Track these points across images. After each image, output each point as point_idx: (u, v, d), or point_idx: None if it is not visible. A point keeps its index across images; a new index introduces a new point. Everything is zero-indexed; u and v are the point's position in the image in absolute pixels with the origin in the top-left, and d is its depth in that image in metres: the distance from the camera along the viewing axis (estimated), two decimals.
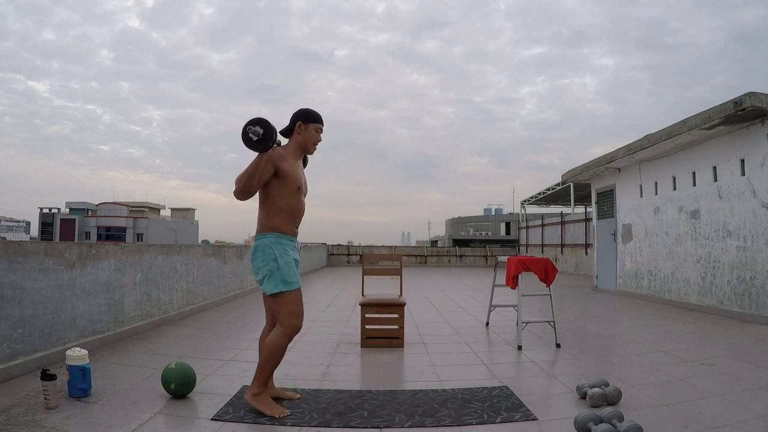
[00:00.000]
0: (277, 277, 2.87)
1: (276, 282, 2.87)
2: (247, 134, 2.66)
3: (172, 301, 5.94)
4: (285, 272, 2.89)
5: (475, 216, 59.81)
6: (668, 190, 8.23)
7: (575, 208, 22.13)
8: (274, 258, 2.87)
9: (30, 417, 2.67)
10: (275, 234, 2.92)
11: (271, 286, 2.88)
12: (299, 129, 3.03)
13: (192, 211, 77.58)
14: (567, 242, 18.09)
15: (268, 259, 2.88)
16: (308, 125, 3.04)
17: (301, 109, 3.09)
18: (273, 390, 3.08)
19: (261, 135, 2.65)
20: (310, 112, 3.07)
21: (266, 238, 2.92)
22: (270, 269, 2.88)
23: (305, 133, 3.04)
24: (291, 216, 2.98)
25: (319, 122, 3.07)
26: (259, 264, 2.90)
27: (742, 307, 6.39)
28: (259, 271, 2.91)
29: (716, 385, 3.40)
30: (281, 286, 2.87)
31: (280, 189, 2.91)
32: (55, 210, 62.49)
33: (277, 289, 2.87)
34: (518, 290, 4.85)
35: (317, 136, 3.07)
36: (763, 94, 5.77)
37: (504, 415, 2.84)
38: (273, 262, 2.87)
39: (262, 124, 2.67)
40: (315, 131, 3.06)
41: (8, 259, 3.38)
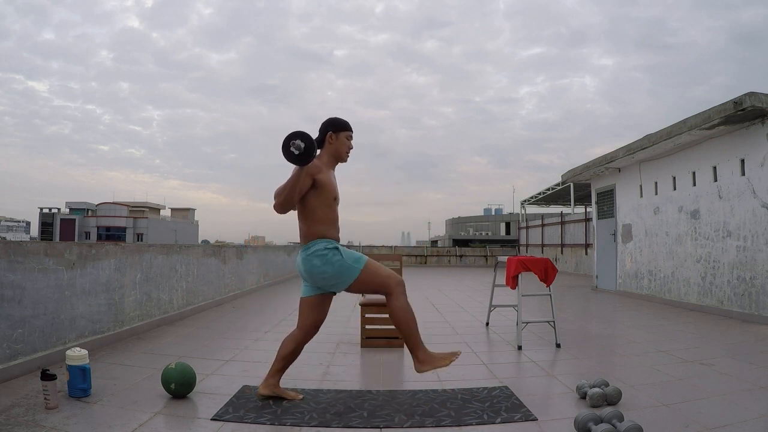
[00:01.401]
0: (349, 263, 2.92)
1: (350, 267, 2.92)
2: (289, 148, 2.65)
3: (172, 301, 5.94)
4: (350, 255, 2.96)
5: (475, 216, 59.80)
6: (668, 190, 8.22)
7: (575, 208, 22.12)
8: (333, 254, 2.92)
9: (30, 417, 2.67)
10: (322, 239, 2.95)
11: (349, 275, 2.92)
12: (330, 139, 3.05)
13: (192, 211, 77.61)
14: (567, 242, 18.09)
15: (329, 260, 2.91)
16: (339, 134, 3.06)
17: (330, 118, 3.10)
18: (278, 389, 3.09)
19: (303, 149, 2.65)
20: (339, 120, 3.09)
21: (316, 245, 2.94)
22: (338, 266, 2.91)
23: (337, 142, 3.06)
24: (331, 224, 3.01)
25: (349, 130, 3.11)
26: (323, 269, 2.91)
27: (742, 307, 6.38)
28: (325, 275, 2.92)
29: (716, 385, 3.40)
30: (356, 265, 2.93)
31: (317, 200, 2.94)
32: (55, 210, 62.51)
33: (356, 272, 2.92)
34: (518, 290, 4.85)
35: (349, 143, 3.10)
36: (763, 94, 5.77)
37: (504, 416, 2.84)
38: (335, 257, 2.92)
39: (303, 138, 2.66)
40: (346, 139, 3.09)
41: (8, 259, 3.38)
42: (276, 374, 3.09)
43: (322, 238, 2.96)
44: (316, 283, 2.99)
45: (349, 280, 2.94)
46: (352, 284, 2.96)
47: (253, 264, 9.88)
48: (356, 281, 2.94)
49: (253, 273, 9.77)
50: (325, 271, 2.91)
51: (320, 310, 3.10)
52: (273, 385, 3.08)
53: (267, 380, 3.09)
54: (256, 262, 10.06)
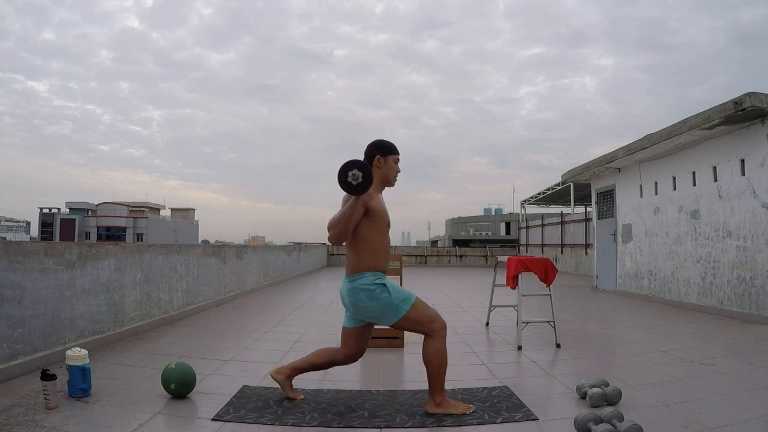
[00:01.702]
0: (396, 302, 2.83)
1: (397, 307, 2.83)
2: (346, 178, 2.62)
3: (172, 301, 5.94)
4: (397, 293, 2.86)
5: (475, 216, 59.81)
6: (668, 190, 8.22)
7: (575, 208, 22.12)
8: (381, 290, 2.83)
9: (30, 417, 2.67)
10: (371, 272, 2.88)
11: (395, 314, 2.84)
12: (378, 163, 2.97)
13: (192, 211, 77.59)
14: (567, 242, 18.09)
15: (376, 296, 2.83)
16: (387, 158, 2.99)
17: (376, 141, 3.03)
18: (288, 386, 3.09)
19: (361, 179, 2.62)
20: (386, 144, 3.02)
21: (364, 278, 2.86)
22: (385, 303, 2.82)
23: (385, 166, 2.98)
24: (381, 253, 2.93)
25: (397, 153, 3.04)
26: (368, 304, 2.84)
27: (742, 307, 6.38)
28: (370, 311, 2.85)
29: (716, 385, 3.40)
30: (404, 305, 2.84)
31: (369, 227, 2.87)
32: (55, 210, 62.50)
33: (402, 312, 2.83)
34: (518, 290, 4.85)
35: (397, 167, 3.03)
36: (763, 94, 5.77)
37: (505, 415, 2.84)
38: (383, 294, 2.83)
39: (360, 167, 2.63)
40: (394, 163, 3.01)
41: (8, 259, 3.37)
42: (295, 370, 3.10)
43: (370, 271, 2.88)
44: (358, 316, 2.93)
45: (393, 319, 2.84)
46: (396, 322, 2.87)
47: (253, 264, 9.88)
48: (400, 320, 2.85)
49: (253, 273, 9.77)
50: (371, 307, 2.84)
51: (363, 339, 3.05)
52: (286, 376, 3.07)
53: (283, 369, 3.10)
54: (256, 262, 10.06)
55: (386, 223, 2.95)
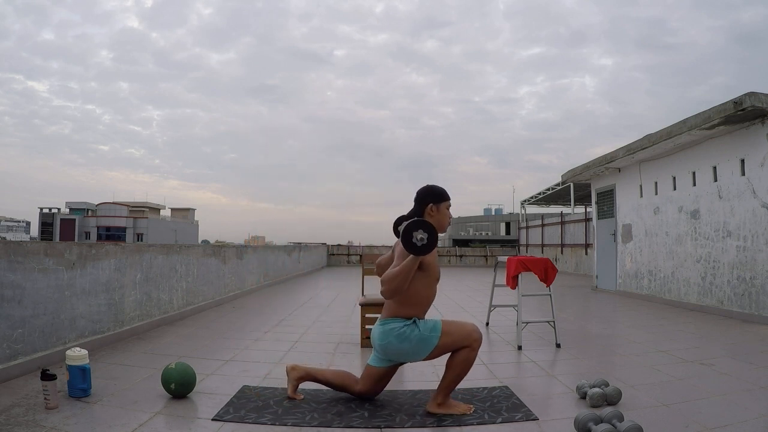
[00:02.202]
0: (425, 336, 2.81)
1: (427, 340, 2.81)
2: (411, 239, 2.62)
3: (172, 301, 5.94)
4: (425, 326, 2.83)
5: (475, 216, 59.79)
6: (668, 190, 8.23)
7: (575, 208, 22.13)
8: (411, 330, 2.81)
9: (30, 417, 2.67)
10: (404, 320, 2.86)
11: (426, 347, 2.82)
12: (431, 211, 2.92)
13: (192, 211, 77.63)
14: (567, 242, 18.09)
15: (407, 337, 2.81)
16: (440, 205, 2.94)
17: (428, 188, 2.97)
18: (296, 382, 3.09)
19: (426, 240, 2.62)
20: (438, 190, 2.97)
21: (396, 323, 2.84)
22: (416, 340, 2.81)
23: (438, 214, 2.93)
24: (424, 305, 2.91)
25: (449, 199, 2.98)
26: (400, 346, 2.82)
27: (742, 307, 6.39)
28: (402, 351, 2.83)
29: (716, 385, 3.40)
30: (434, 334, 2.81)
31: (421, 281, 2.83)
32: (55, 210, 62.53)
33: (434, 341, 2.81)
34: (518, 290, 4.85)
35: (449, 213, 2.99)
36: (763, 94, 5.77)
37: (505, 415, 2.83)
38: (413, 333, 2.81)
39: (426, 229, 2.62)
40: (446, 209, 2.96)
41: (8, 259, 3.37)
42: (309, 375, 3.08)
43: (404, 317, 2.86)
44: (391, 357, 2.91)
45: (427, 351, 2.82)
46: (431, 353, 2.84)
47: (253, 264, 9.88)
48: (435, 348, 2.83)
49: (253, 273, 9.78)
50: (403, 348, 2.82)
51: (385, 381, 3.03)
52: (299, 377, 3.06)
53: (300, 368, 3.09)
54: (256, 262, 10.06)
55: (436, 278, 2.92)
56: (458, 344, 2.84)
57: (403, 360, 2.93)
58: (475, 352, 2.86)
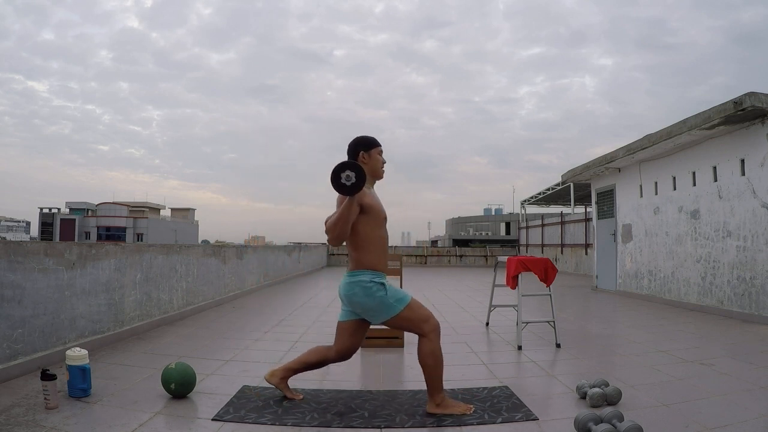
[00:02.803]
0: (391, 301, 2.87)
1: (391, 305, 2.86)
2: (340, 179, 2.65)
3: (172, 301, 5.94)
4: (393, 292, 2.90)
5: (475, 216, 59.79)
6: (668, 190, 8.22)
7: (575, 208, 22.12)
8: (377, 288, 2.86)
9: (30, 417, 2.67)
10: (370, 271, 2.91)
11: (387, 312, 2.87)
12: (364, 159, 3.01)
13: (192, 211, 77.60)
14: (567, 242, 18.09)
15: (372, 294, 2.85)
16: (371, 152, 3.03)
17: (357, 138, 3.06)
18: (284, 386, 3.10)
19: (354, 179, 2.65)
20: (367, 138, 3.07)
21: (363, 275, 2.89)
22: (379, 301, 2.86)
23: (371, 160, 3.03)
24: (381, 249, 2.96)
25: (379, 145, 3.08)
26: (362, 300, 2.87)
27: (742, 307, 6.38)
28: (363, 306, 2.88)
29: (716, 385, 3.40)
30: (398, 305, 2.87)
31: (366, 224, 2.89)
32: (55, 210, 62.50)
33: (395, 311, 2.86)
34: (518, 290, 4.85)
35: (381, 158, 3.08)
36: (763, 94, 5.77)
37: (505, 415, 2.84)
38: (378, 291, 2.86)
39: (353, 168, 2.65)
40: (378, 155, 3.06)
41: (8, 259, 3.37)
42: (288, 371, 3.11)
43: (371, 270, 2.91)
44: (354, 310, 2.96)
45: (386, 317, 2.88)
46: (388, 320, 2.90)
47: (253, 264, 9.88)
48: (393, 318, 2.89)
49: (253, 273, 9.77)
50: (365, 303, 2.87)
51: (357, 336, 3.06)
52: (281, 378, 3.09)
53: (277, 371, 3.11)
54: (256, 262, 10.06)
55: (383, 217, 2.98)
56: (413, 325, 2.91)
57: (363, 316, 2.96)
58: (435, 342, 2.91)
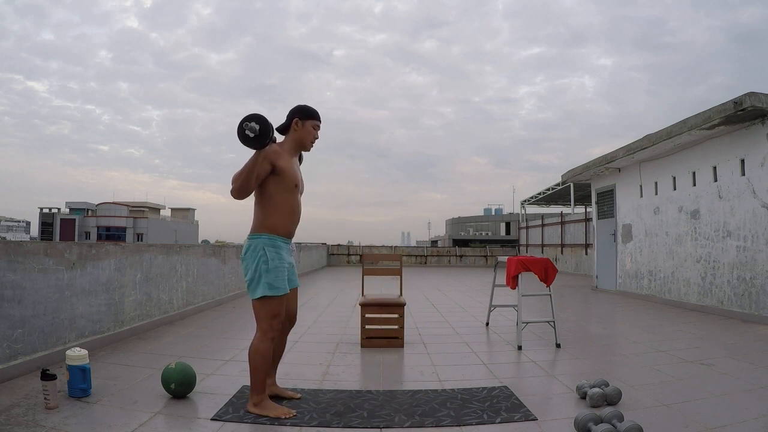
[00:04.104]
0: (264, 281, 2.81)
1: (262, 286, 2.81)
2: (243, 130, 2.60)
3: (172, 301, 5.94)
4: (272, 276, 2.82)
5: (475, 216, 59.78)
6: (668, 190, 8.23)
7: (575, 208, 22.12)
8: (264, 260, 2.81)
9: (30, 417, 2.67)
10: (269, 235, 2.86)
11: (252, 290, 2.83)
12: (296, 126, 2.99)
13: (192, 211, 77.54)
14: (567, 242, 18.09)
15: (258, 260, 2.81)
16: (305, 122, 2.99)
17: (298, 105, 3.03)
18: (275, 388, 3.09)
19: (257, 131, 2.59)
20: (307, 108, 3.03)
21: (260, 239, 2.85)
22: (258, 271, 2.81)
23: (302, 130, 2.99)
24: (288, 214, 2.91)
25: (317, 119, 3.03)
26: (249, 263, 2.84)
27: (742, 307, 6.38)
28: (247, 272, 2.85)
29: (716, 385, 3.40)
30: (267, 290, 2.81)
31: (276, 186, 2.86)
32: (55, 210, 62.47)
33: (261, 293, 2.80)
34: (518, 290, 4.85)
35: (315, 133, 3.03)
36: (763, 94, 5.77)
37: (504, 416, 2.84)
38: (263, 264, 2.81)
39: (258, 120, 2.61)
40: (312, 128, 3.01)
41: (8, 259, 3.37)
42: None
43: (271, 234, 2.86)
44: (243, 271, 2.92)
45: (250, 293, 2.85)
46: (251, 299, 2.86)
47: None
48: (252, 299, 2.85)
49: None
50: (246, 268, 2.84)
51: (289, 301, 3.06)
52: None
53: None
54: None
55: (294, 184, 2.91)
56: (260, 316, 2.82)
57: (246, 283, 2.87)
58: (267, 343, 2.82)
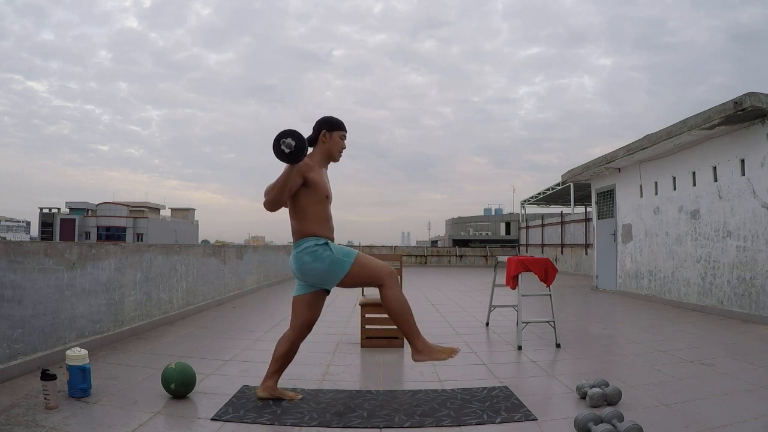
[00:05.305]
0: (338, 259, 2.90)
1: (341, 261, 2.90)
2: (280, 146, 2.65)
3: (172, 301, 5.94)
4: (338, 250, 2.93)
5: (475, 216, 59.77)
6: (668, 190, 8.22)
7: (575, 208, 22.12)
8: (324, 250, 2.90)
9: (30, 417, 2.67)
10: (314, 237, 2.94)
11: (340, 269, 2.90)
12: (324, 138, 3.04)
13: (192, 211, 77.56)
14: (567, 242, 18.09)
15: (320, 256, 2.89)
16: (333, 133, 3.05)
17: (325, 117, 3.09)
18: (276, 391, 3.09)
19: (293, 147, 2.65)
20: (333, 120, 3.08)
21: (307, 242, 2.93)
22: (329, 261, 2.89)
23: (330, 141, 3.05)
24: (323, 223, 3.00)
25: (344, 129, 3.10)
26: (313, 265, 2.90)
27: (742, 307, 6.38)
28: (316, 272, 2.91)
29: (716, 385, 3.40)
30: (347, 259, 2.91)
31: (308, 198, 2.93)
32: (55, 210, 62.48)
33: (346, 267, 2.90)
34: (518, 290, 4.85)
35: (342, 143, 3.09)
36: (763, 94, 5.77)
37: (504, 416, 2.83)
38: (326, 252, 2.90)
39: (294, 137, 2.65)
40: (340, 138, 3.07)
41: (8, 259, 3.37)
42: (273, 376, 3.09)
43: (312, 236, 2.95)
44: (308, 280, 2.99)
45: (340, 275, 2.91)
46: (343, 278, 2.93)
47: (253, 264, 9.88)
48: (347, 275, 2.92)
49: (253, 273, 9.77)
50: (316, 268, 2.90)
51: (313, 308, 3.07)
52: (271, 387, 3.07)
53: (265, 382, 3.09)
54: (256, 262, 10.06)
55: (325, 195, 2.99)
56: (369, 278, 2.93)
57: (320, 284, 2.98)
58: (394, 289, 2.92)
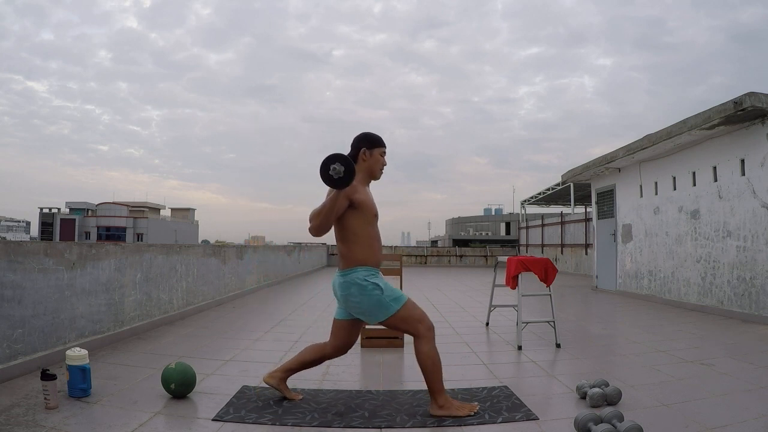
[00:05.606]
0: (387, 300, 2.83)
1: (388, 305, 2.83)
2: (328, 172, 2.62)
3: (172, 301, 5.94)
4: (390, 291, 2.86)
5: (475, 216, 59.76)
6: (668, 190, 8.22)
7: (575, 208, 22.12)
8: (374, 287, 2.83)
9: (30, 417, 2.67)
10: (364, 267, 2.88)
11: (384, 312, 2.83)
12: (364, 156, 2.97)
13: (192, 211, 77.53)
14: (567, 242, 18.09)
15: (368, 293, 2.82)
16: (373, 151, 2.98)
17: (363, 134, 3.02)
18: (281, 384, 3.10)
19: (342, 173, 2.62)
20: (372, 136, 3.01)
21: (356, 272, 2.85)
22: (375, 301, 2.82)
23: (371, 159, 2.98)
24: (371, 244, 2.91)
25: (383, 146, 3.03)
26: (358, 299, 2.83)
27: (742, 307, 6.38)
28: (360, 306, 2.85)
29: (716, 385, 3.40)
30: (395, 304, 2.83)
31: (357, 220, 2.86)
32: (55, 210, 62.45)
33: (392, 311, 2.83)
34: (518, 290, 4.85)
35: (383, 160, 3.02)
36: (763, 94, 5.77)
37: (505, 415, 2.84)
38: (375, 290, 2.82)
39: (342, 161, 2.62)
40: (380, 156, 3.00)
41: (8, 259, 3.37)
42: (287, 371, 3.10)
43: (363, 266, 2.87)
44: (349, 310, 2.93)
45: (381, 318, 2.84)
46: (385, 320, 2.86)
47: (253, 264, 9.88)
48: (389, 318, 2.85)
49: (253, 273, 9.77)
50: (361, 303, 2.84)
51: (352, 333, 3.05)
52: (280, 378, 3.08)
53: (276, 372, 3.10)
54: (256, 262, 10.06)
55: (374, 214, 2.94)
56: (408, 325, 2.86)
57: (358, 316, 2.92)
58: (431, 343, 2.86)
